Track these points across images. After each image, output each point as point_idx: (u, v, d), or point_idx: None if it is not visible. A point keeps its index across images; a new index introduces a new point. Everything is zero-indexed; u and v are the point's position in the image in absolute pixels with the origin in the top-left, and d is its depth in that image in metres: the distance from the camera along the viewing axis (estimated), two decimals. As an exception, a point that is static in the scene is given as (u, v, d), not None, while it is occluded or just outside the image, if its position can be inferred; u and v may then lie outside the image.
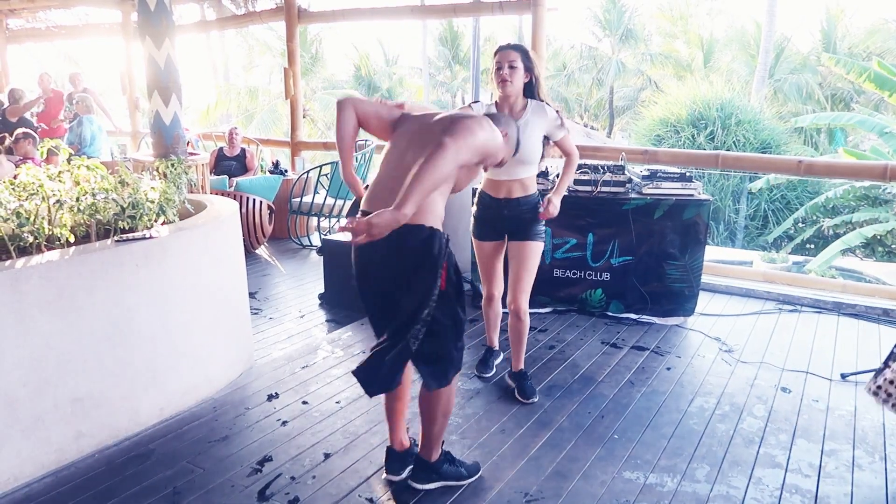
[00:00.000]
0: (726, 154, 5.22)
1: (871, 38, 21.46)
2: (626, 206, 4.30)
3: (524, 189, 3.19)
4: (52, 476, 2.61)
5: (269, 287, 5.32)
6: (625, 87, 26.70)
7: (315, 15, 7.61)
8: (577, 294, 4.50)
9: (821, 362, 3.77)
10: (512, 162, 2.85)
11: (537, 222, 3.20)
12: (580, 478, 2.63)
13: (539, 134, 3.11)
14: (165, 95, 4.90)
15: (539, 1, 5.37)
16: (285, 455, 2.77)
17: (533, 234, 3.20)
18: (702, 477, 2.65)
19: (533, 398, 3.26)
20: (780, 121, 17.16)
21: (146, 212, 3.12)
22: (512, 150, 2.51)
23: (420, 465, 2.54)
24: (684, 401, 3.31)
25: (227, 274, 3.43)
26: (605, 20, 26.71)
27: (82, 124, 7.90)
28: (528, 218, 3.19)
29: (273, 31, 24.89)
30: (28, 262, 2.52)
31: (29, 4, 8.79)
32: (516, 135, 2.53)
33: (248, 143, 8.32)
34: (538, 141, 3.11)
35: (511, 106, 3.13)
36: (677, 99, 16.47)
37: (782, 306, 4.70)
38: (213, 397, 3.29)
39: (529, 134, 3.06)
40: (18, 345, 2.47)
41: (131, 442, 2.86)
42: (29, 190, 2.85)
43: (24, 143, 6.31)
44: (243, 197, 6.04)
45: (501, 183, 3.18)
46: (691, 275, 4.33)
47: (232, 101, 24.10)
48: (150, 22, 4.75)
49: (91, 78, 9.71)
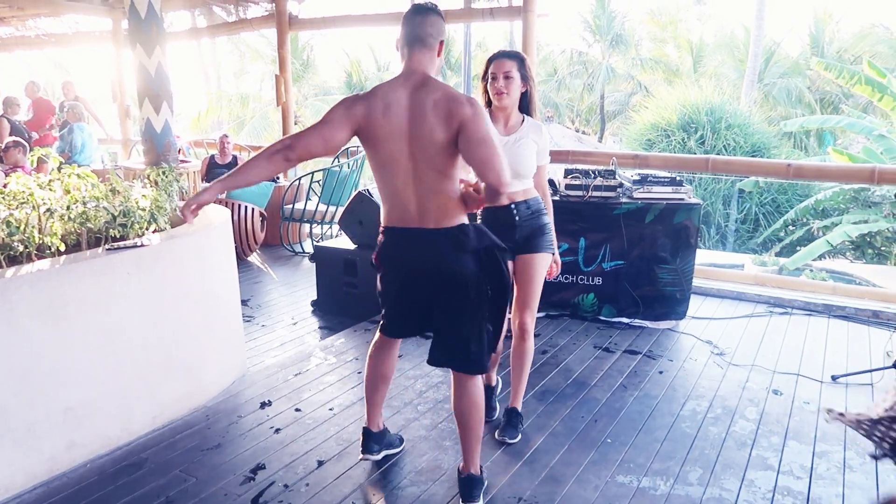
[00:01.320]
0: (716, 158, 5.24)
1: (860, 42, 21.64)
2: (618, 210, 4.32)
3: (526, 193, 2.96)
4: (43, 486, 2.59)
5: (261, 294, 5.31)
6: (615, 92, 26.81)
7: (306, 22, 7.61)
8: (570, 298, 4.51)
9: (812, 364, 3.80)
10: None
11: (547, 232, 3.00)
12: (574, 482, 2.63)
13: (534, 148, 2.96)
14: (156, 103, 4.90)
15: (529, 7, 5.39)
16: (279, 463, 2.77)
17: (545, 244, 2.98)
18: (694, 480, 2.66)
19: (509, 440, 2.95)
20: (770, 125, 17.27)
21: (137, 220, 3.11)
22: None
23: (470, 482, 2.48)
24: (676, 404, 3.33)
25: (220, 281, 3.42)
26: (596, 25, 26.83)
27: (73, 132, 7.87)
28: (540, 224, 2.97)
29: (264, 38, 24.91)
30: (18, 272, 2.52)
31: (18, 12, 8.75)
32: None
33: (240, 150, 8.31)
34: (533, 154, 2.96)
35: (507, 118, 2.96)
36: (667, 103, 16.55)
37: (773, 309, 4.73)
38: (206, 405, 3.28)
39: (524, 148, 2.92)
40: (9, 354, 2.46)
41: (124, 451, 2.85)
42: (19, 199, 2.83)
43: (14, 151, 6.29)
44: (235, 204, 6.04)
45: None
46: (683, 278, 4.35)
47: (223, 108, 24.09)
48: (140, 29, 4.75)
49: (82, 86, 9.65)
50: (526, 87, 2.96)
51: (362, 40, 46.75)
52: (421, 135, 2.20)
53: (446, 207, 2.28)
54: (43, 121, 8.91)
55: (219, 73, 29.27)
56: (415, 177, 2.25)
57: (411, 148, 2.23)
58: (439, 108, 2.18)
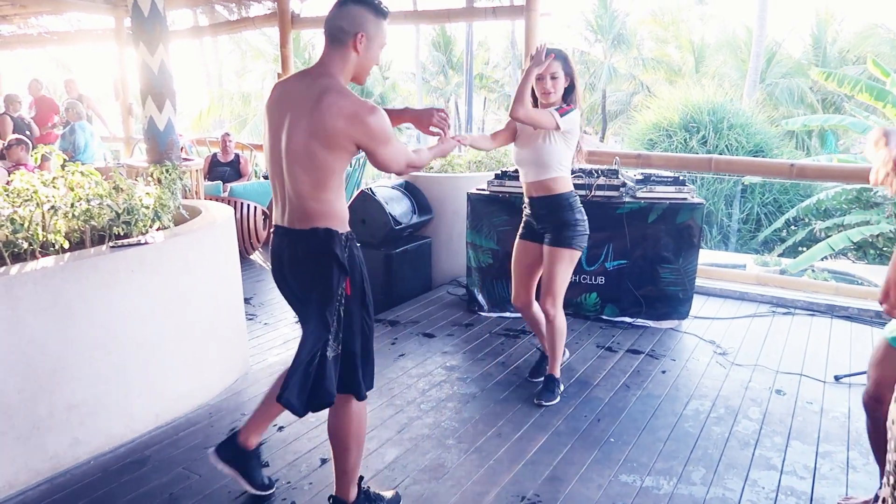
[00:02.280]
0: (719, 158, 5.24)
1: (863, 42, 21.59)
2: (621, 209, 4.32)
3: (548, 190, 3.20)
4: (47, 483, 2.59)
5: (263, 293, 5.31)
6: (617, 92, 26.81)
7: (308, 20, 7.61)
8: (572, 298, 4.51)
9: (814, 365, 3.79)
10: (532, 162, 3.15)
11: (568, 227, 3.19)
12: (577, 481, 2.63)
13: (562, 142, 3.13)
14: (159, 101, 4.90)
15: (532, 6, 5.39)
16: (282, 461, 2.77)
17: (565, 239, 3.19)
18: (698, 479, 2.66)
19: (545, 402, 3.28)
20: (772, 125, 17.24)
21: (141, 217, 3.11)
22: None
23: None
24: (679, 404, 3.32)
25: (223, 279, 3.43)
26: (598, 25, 26.85)
27: (75, 132, 7.86)
28: (561, 219, 3.19)
29: (266, 37, 24.91)
30: (23, 269, 2.52)
31: (21, 10, 8.76)
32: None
33: (243, 148, 8.31)
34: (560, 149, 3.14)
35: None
36: (669, 103, 16.52)
37: (776, 309, 4.72)
38: (209, 403, 3.28)
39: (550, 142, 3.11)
40: (13, 351, 2.46)
41: (127, 448, 2.85)
42: (23, 196, 2.84)
43: (17, 149, 6.30)
44: (238, 202, 6.04)
45: (528, 184, 3.25)
46: (685, 278, 4.35)
47: (225, 107, 24.10)
48: (144, 28, 4.75)
49: (84, 84, 9.68)
50: (569, 82, 3.14)
51: (364, 39, 46.62)
52: (292, 134, 2.07)
53: (305, 210, 2.10)
54: (46, 119, 8.91)
55: (220, 71, 29.29)
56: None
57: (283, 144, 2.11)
58: (319, 108, 2.01)
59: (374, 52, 2.16)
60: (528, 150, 3.19)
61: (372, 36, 2.13)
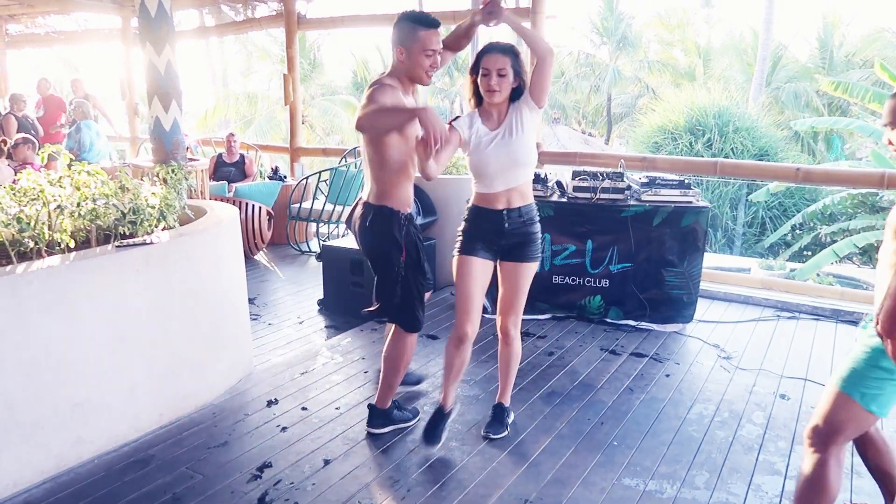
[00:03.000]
0: (725, 161, 5.24)
1: (869, 46, 21.52)
2: (625, 212, 4.31)
3: (523, 198, 2.80)
4: (51, 482, 2.60)
5: (268, 293, 5.32)
6: (622, 95, 26.77)
7: (314, 21, 7.63)
8: (576, 300, 4.51)
9: (819, 369, 3.78)
10: (507, 165, 2.70)
11: (535, 241, 2.85)
12: (580, 485, 2.63)
13: (529, 128, 2.73)
14: (165, 101, 4.91)
15: (538, 8, 5.39)
16: (285, 461, 2.77)
17: (533, 253, 2.85)
18: (701, 484, 2.65)
19: (493, 435, 2.95)
20: (778, 128, 17.21)
21: (147, 217, 3.12)
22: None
23: (375, 412, 2.98)
24: (683, 407, 3.32)
25: (227, 279, 3.43)
26: (603, 28, 26.79)
27: (80, 130, 7.90)
28: (529, 233, 2.83)
29: (272, 38, 24.91)
30: (28, 268, 2.53)
31: (28, 10, 8.80)
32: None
33: (247, 148, 8.33)
34: (529, 139, 2.73)
35: (500, 113, 2.74)
36: (675, 106, 16.53)
37: (780, 313, 4.71)
38: (213, 403, 3.28)
39: (519, 135, 2.71)
40: (18, 350, 2.47)
41: (131, 447, 2.86)
42: (29, 195, 2.85)
43: (24, 148, 6.31)
44: (243, 203, 6.05)
45: (499, 194, 2.76)
46: (690, 281, 4.34)
47: (230, 107, 24.12)
48: (150, 28, 4.76)
49: (90, 83, 9.73)
50: (518, 83, 2.71)
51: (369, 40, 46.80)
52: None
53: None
54: (54, 118, 8.94)
55: (226, 71, 29.34)
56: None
57: None
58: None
59: (416, 58, 2.64)
60: (497, 151, 2.72)
61: (409, 46, 2.63)
